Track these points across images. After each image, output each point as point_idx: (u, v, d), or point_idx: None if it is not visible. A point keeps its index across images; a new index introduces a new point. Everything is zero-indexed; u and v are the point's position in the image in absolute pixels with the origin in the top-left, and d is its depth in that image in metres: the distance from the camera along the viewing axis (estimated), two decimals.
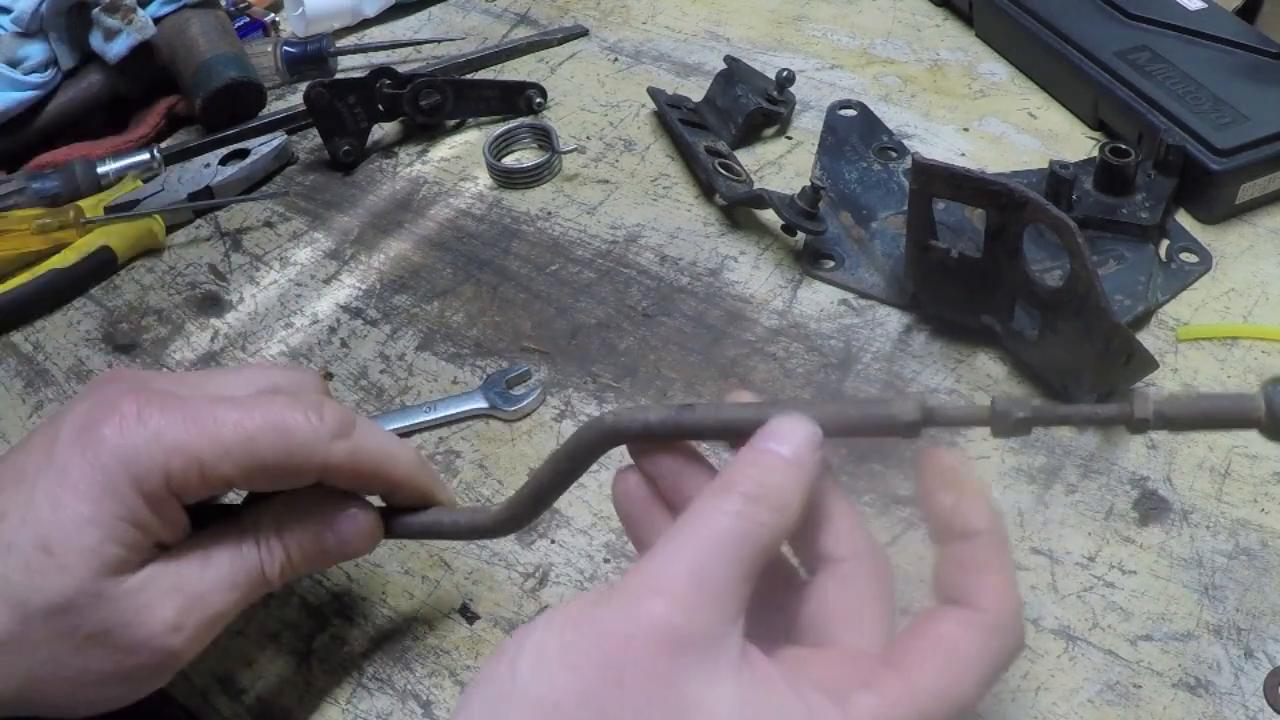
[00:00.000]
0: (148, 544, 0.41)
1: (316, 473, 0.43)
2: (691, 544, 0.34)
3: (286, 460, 0.41)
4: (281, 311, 0.70)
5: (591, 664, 0.32)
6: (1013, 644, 0.36)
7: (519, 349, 0.65)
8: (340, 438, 0.42)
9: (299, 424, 0.42)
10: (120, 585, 0.40)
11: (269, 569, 0.43)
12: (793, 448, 0.37)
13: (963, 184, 0.56)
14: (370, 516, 0.45)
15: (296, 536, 0.44)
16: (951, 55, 0.85)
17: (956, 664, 0.35)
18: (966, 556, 0.37)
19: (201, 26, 0.83)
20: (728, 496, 0.35)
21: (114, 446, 0.40)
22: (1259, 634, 0.48)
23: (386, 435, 0.46)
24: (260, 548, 0.43)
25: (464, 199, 0.77)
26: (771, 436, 0.37)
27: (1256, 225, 0.68)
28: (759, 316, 0.66)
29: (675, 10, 0.93)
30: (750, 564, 0.34)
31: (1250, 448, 0.56)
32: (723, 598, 0.33)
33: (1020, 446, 0.57)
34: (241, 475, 0.41)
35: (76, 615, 0.39)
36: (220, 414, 0.41)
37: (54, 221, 0.72)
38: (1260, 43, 0.73)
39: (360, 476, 0.44)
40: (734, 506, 0.35)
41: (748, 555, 0.34)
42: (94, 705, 0.42)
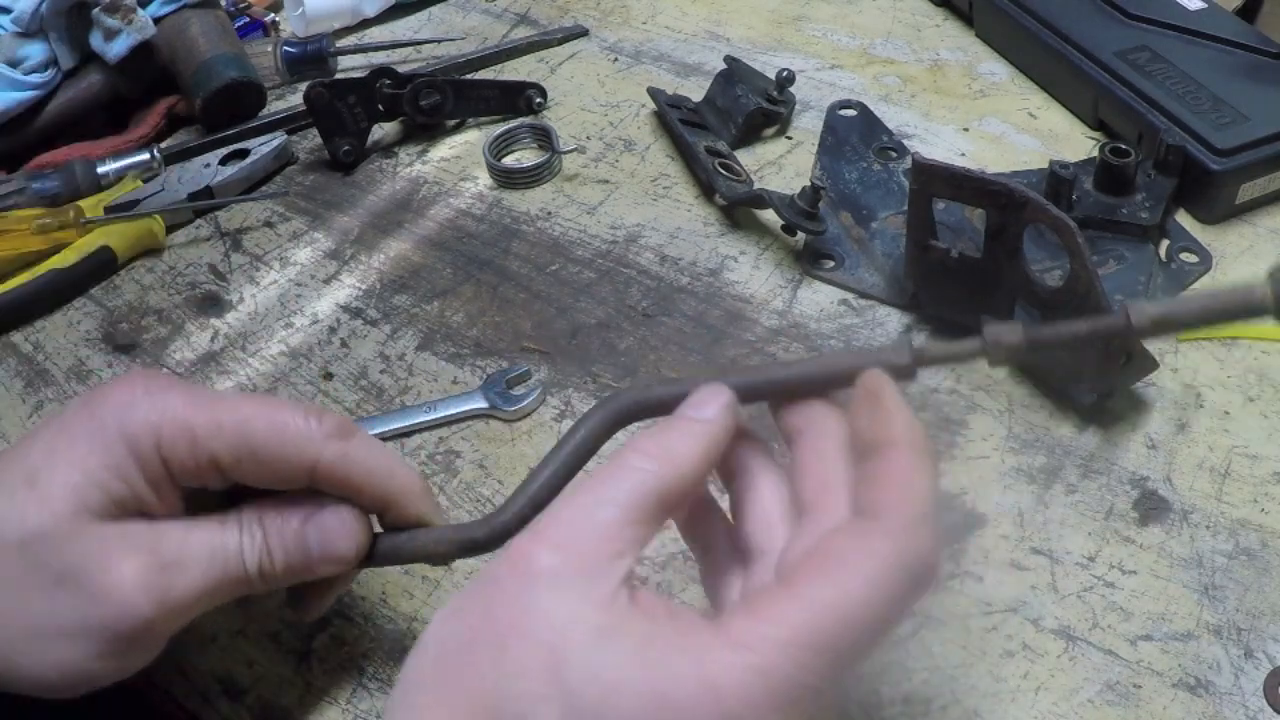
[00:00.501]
0: (131, 500, 0.41)
1: (308, 470, 0.42)
2: (572, 495, 0.36)
3: (278, 449, 0.42)
4: (281, 311, 0.70)
5: (471, 605, 0.34)
6: (914, 547, 0.33)
7: (519, 349, 0.65)
8: (335, 439, 0.43)
9: (296, 417, 0.42)
10: (95, 528, 0.40)
11: (248, 555, 0.42)
12: (697, 410, 0.38)
13: (963, 184, 0.56)
14: (357, 519, 0.44)
15: (278, 527, 0.43)
16: (951, 55, 0.85)
17: (843, 573, 0.32)
18: (876, 469, 0.35)
19: (201, 26, 0.83)
20: (620, 456, 0.36)
21: (113, 406, 0.42)
22: (1259, 634, 0.48)
23: (387, 451, 0.45)
24: (242, 532, 0.43)
25: (464, 199, 0.77)
26: (690, 405, 0.39)
27: (1256, 225, 0.68)
28: (759, 316, 0.66)
29: (675, 10, 0.93)
30: (633, 508, 0.35)
31: (1250, 448, 0.56)
32: (597, 537, 0.34)
33: (1020, 447, 0.57)
34: (231, 456, 0.42)
35: (48, 550, 0.40)
36: (220, 398, 0.43)
37: (54, 221, 0.72)
38: (1260, 43, 0.73)
39: (352, 483, 0.43)
40: (618, 458, 0.36)
41: (626, 499, 0.35)
42: (60, 670, 0.41)
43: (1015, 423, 0.58)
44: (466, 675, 0.33)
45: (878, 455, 0.35)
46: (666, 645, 0.32)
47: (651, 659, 0.32)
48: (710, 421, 0.38)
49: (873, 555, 0.33)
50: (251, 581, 0.43)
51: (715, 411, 0.38)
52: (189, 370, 0.67)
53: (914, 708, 0.47)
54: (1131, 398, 0.58)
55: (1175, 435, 0.57)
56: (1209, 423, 0.57)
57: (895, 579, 0.33)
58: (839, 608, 0.32)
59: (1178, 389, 0.59)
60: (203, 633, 0.53)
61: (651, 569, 0.53)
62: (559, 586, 0.33)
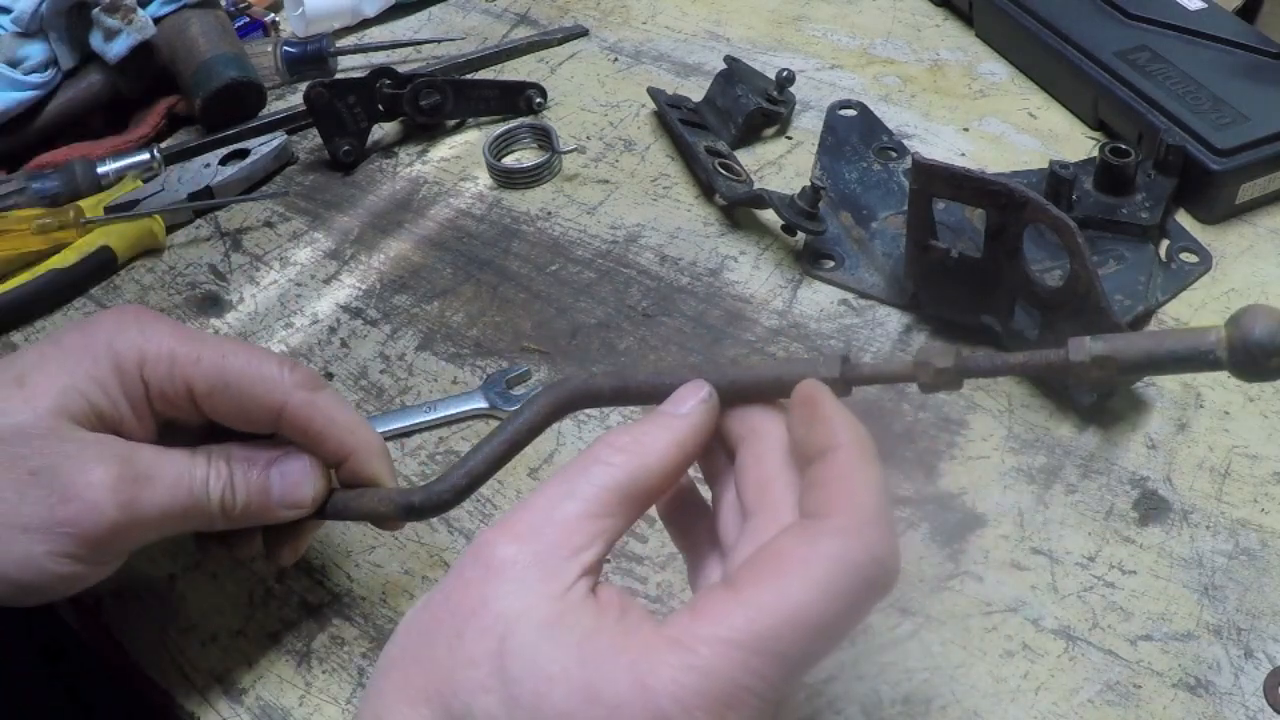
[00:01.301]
0: (110, 414, 0.44)
1: (276, 412, 0.45)
2: (541, 488, 0.36)
3: (250, 387, 0.45)
4: (281, 311, 0.70)
5: (438, 594, 0.35)
6: (863, 547, 0.32)
7: (519, 349, 0.65)
8: (305, 388, 0.46)
9: (269, 362, 0.46)
10: (74, 431, 0.43)
11: (212, 487, 0.44)
12: (675, 405, 0.38)
13: (963, 184, 0.56)
14: (317, 469, 0.46)
15: (244, 466, 0.45)
16: (951, 55, 0.85)
17: (788, 574, 0.32)
18: (820, 473, 0.35)
19: (201, 26, 0.83)
20: (591, 448, 0.37)
21: (106, 327, 0.45)
22: (1259, 634, 0.48)
23: (351, 408, 0.48)
24: (210, 465, 0.45)
25: (464, 199, 0.77)
26: (670, 400, 0.39)
27: (1256, 225, 0.68)
28: (759, 316, 0.66)
29: (675, 10, 0.93)
30: (597, 501, 0.35)
31: (1250, 448, 0.56)
32: (558, 530, 0.34)
33: (1020, 447, 0.57)
34: (206, 386, 0.45)
35: (27, 446, 0.42)
36: (204, 336, 0.47)
37: (54, 221, 0.72)
38: (1260, 43, 0.73)
39: (315, 430, 0.46)
40: (588, 453, 0.36)
41: (591, 493, 0.35)
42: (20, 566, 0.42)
43: (1015, 423, 0.58)
44: (425, 662, 0.34)
45: (821, 460, 0.35)
46: (607, 642, 0.32)
47: (589, 654, 0.32)
48: (685, 416, 0.38)
49: (819, 556, 0.32)
50: (213, 515, 0.45)
51: (692, 406, 0.38)
52: None
53: (914, 708, 0.47)
54: (1131, 398, 0.58)
55: (1175, 435, 0.57)
56: (1209, 423, 0.57)
57: (844, 580, 0.32)
58: (783, 609, 0.31)
59: (1178, 389, 0.59)
60: (203, 633, 0.53)
61: (652, 568, 0.53)
62: (515, 579, 0.34)
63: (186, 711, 0.50)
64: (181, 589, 0.55)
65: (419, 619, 0.35)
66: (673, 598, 0.52)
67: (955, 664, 0.49)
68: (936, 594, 0.51)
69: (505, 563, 0.34)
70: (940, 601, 0.51)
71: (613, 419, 0.61)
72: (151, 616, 0.54)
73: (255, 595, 0.55)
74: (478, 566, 0.34)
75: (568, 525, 0.35)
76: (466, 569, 0.35)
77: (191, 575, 0.56)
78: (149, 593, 0.55)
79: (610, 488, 0.35)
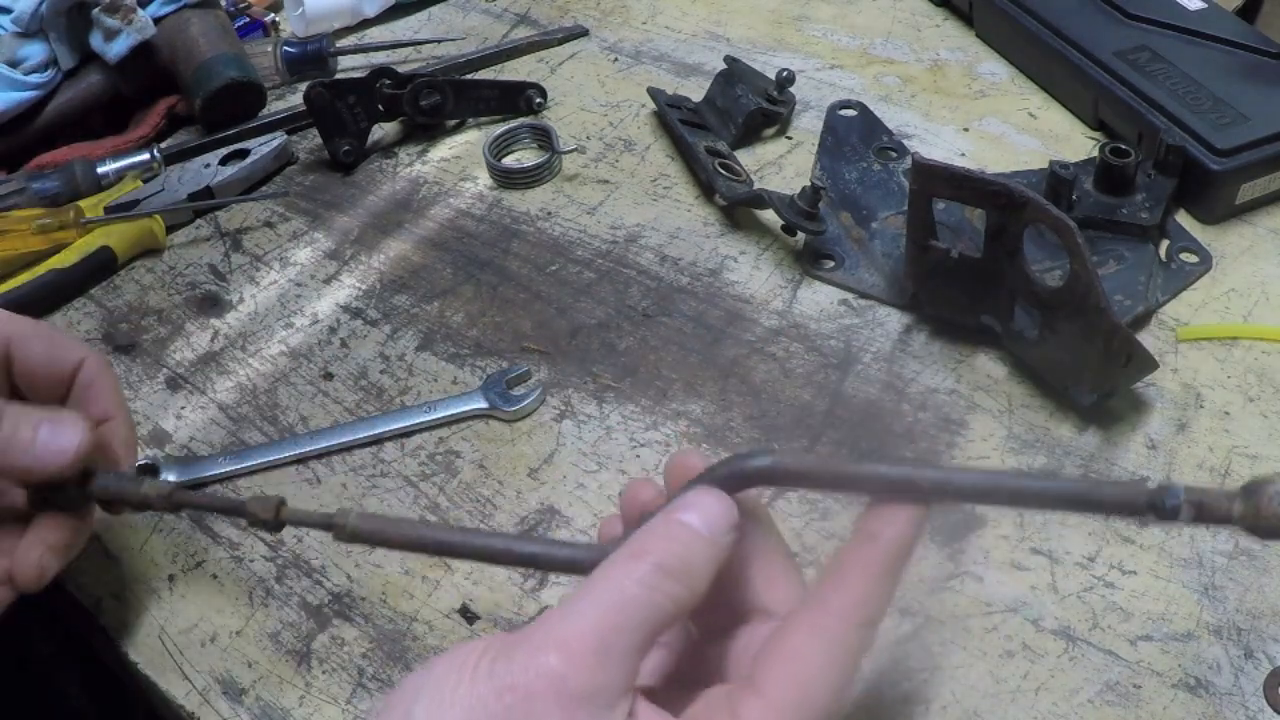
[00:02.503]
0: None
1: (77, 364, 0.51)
2: (599, 606, 0.35)
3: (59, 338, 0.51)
4: (281, 311, 0.70)
5: (489, 716, 0.33)
6: (859, 647, 0.36)
7: (519, 349, 0.65)
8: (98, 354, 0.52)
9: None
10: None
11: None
12: (707, 522, 0.37)
13: (963, 184, 0.56)
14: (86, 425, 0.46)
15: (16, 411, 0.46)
16: (951, 55, 0.85)
17: (806, 674, 0.35)
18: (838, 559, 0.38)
19: (201, 26, 0.83)
20: (640, 563, 0.36)
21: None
22: (1259, 634, 0.48)
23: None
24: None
25: (464, 199, 0.77)
26: (687, 507, 0.38)
27: (1256, 225, 0.68)
28: (759, 316, 0.66)
29: (675, 10, 0.93)
30: (651, 633, 0.35)
31: (1250, 448, 0.56)
32: (620, 662, 0.34)
33: (1020, 447, 0.57)
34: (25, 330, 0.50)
35: None
36: None
37: (54, 221, 0.72)
38: (1260, 43, 0.73)
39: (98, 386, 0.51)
40: (646, 575, 0.36)
41: (649, 625, 0.35)
42: None
43: (1015, 423, 0.58)
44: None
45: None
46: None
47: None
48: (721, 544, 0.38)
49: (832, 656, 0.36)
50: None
51: (723, 530, 0.38)
52: (189, 370, 0.67)
53: (914, 708, 0.47)
54: (1131, 398, 0.58)
55: (1175, 435, 0.57)
56: (1209, 423, 0.57)
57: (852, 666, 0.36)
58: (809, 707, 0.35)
59: (1178, 389, 0.59)
60: (203, 633, 0.53)
61: None
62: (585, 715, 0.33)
63: (187, 712, 0.51)
64: (181, 589, 0.55)
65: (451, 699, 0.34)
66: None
67: (955, 664, 0.49)
68: (936, 594, 0.51)
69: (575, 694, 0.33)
70: (940, 601, 0.51)
71: (613, 418, 0.61)
72: (151, 616, 0.54)
73: (255, 595, 0.55)
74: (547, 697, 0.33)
75: (627, 656, 0.34)
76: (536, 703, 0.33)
77: (191, 575, 0.56)
78: (149, 593, 0.55)
79: (662, 622, 0.36)
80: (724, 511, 0.38)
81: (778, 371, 0.62)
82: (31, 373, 0.50)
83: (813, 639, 0.36)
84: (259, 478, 0.60)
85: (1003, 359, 0.61)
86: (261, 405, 0.64)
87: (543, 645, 0.34)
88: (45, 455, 0.46)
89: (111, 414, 0.51)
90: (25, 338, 0.50)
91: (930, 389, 0.60)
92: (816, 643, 0.36)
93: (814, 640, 0.36)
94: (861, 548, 0.37)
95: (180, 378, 0.66)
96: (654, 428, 0.60)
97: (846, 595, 0.37)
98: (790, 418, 0.60)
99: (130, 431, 0.52)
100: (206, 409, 0.64)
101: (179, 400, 0.65)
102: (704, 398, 0.61)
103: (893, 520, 0.38)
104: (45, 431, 0.46)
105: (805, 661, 0.36)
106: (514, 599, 0.53)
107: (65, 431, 0.46)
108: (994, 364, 0.61)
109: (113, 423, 0.51)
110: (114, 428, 0.51)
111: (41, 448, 0.45)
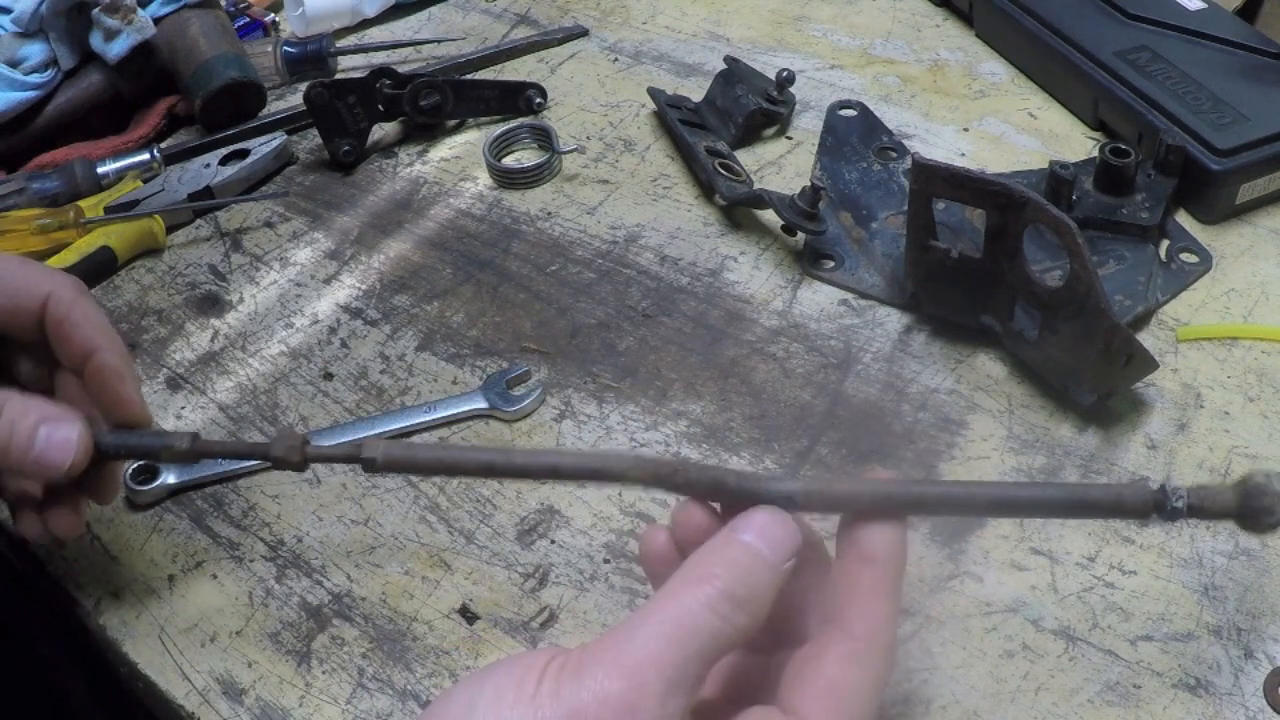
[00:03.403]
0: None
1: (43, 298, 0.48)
2: (668, 633, 0.35)
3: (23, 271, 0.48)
4: (281, 311, 0.70)
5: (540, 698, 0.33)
6: (888, 666, 0.38)
7: (519, 349, 0.65)
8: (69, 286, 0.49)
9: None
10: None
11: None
12: (773, 549, 0.37)
13: (963, 184, 0.56)
14: (84, 436, 0.45)
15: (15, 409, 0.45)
16: (951, 55, 0.85)
17: (848, 705, 0.36)
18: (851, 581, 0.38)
19: (201, 26, 0.83)
20: (706, 586, 0.36)
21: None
22: (1259, 634, 0.48)
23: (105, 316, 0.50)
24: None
25: (464, 199, 0.77)
26: (753, 529, 0.38)
27: (1256, 225, 0.68)
28: (759, 317, 0.66)
29: (675, 10, 0.93)
30: (713, 660, 0.35)
31: (1250, 448, 0.56)
32: (687, 691, 0.34)
33: (1020, 447, 0.57)
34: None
35: None
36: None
37: (54, 221, 0.72)
38: (1260, 43, 0.73)
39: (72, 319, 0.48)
40: (713, 601, 0.35)
41: (714, 653, 0.35)
42: None
43: (1015, 423, 0.58)
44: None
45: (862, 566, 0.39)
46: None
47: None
48: (783, 571, 0.38)
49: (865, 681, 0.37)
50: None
51: (786, 555, 0.38)
52: (189, 370, 0.67)
53: (914, 708, 0.47)
54: (1131, 398, 0.58)
55: (1175, 435, 0.57)
56: (1209, 423, 0.57)
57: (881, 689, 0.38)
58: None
59: (1178, 389, 0.59)
60: (203, 633, 0.53)
61: None
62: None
63: (187, 712, 0.51)
64: (181, 589, 0.55)
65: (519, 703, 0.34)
66: None
67: (955, 664, 0.49)
68: (936, 594, 0.51)
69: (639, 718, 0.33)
70: (940, 601, 0.51)
71: (613, 419, 0.61)
72: (151, 616, 0.54)
73: (255, 595, 0.55)
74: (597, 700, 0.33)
75: (688, 682, 0.35)
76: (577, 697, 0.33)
77: (191, 575, 0.56)
78: (149, 593, 0.55)
79: (724, 650, 0.36)
80: (788, 535, 0.38)
81: (778, 371, 0.62)
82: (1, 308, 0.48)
83: (851, 669, 0.37)
84: (259, 477, 0.60)
85: (1003, 359, 0.61)
86: (261, 405, 0.64)
87: (612, 670, 0.34)
88: (42, 464, 0.45)
89: (96, 344, 0.48)
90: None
91: (930, 389, 0.60)
92: (855, 672, 0.37)
93: (851, 670, 0.37)
94: (864, 570, 0.38)
95: (180, 378, 0.66)
96: (654, 428, 0.60)
97: (868, 621, 0.37)
98: (790, 418, 0.60)
99: (123, 359, 0.49)
100: (206, 409, 0.64)
101: (179, 400, 0.65)
102: (704, 398, 0.61)
103: (884, 536, 0.38)
104: (42, 440, 0.44)
105: (846, 692, 0.36)
106: (514, 599, 0.53)
107: (60, 438, 0.44)
108: (994, 364, 0.61)
109: (100, 354, 0.48)
110: (104, 359, 0.48)
111: (38, 457, 0.45)
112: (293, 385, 0.65)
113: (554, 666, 0.34)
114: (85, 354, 0.48)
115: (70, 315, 0.48)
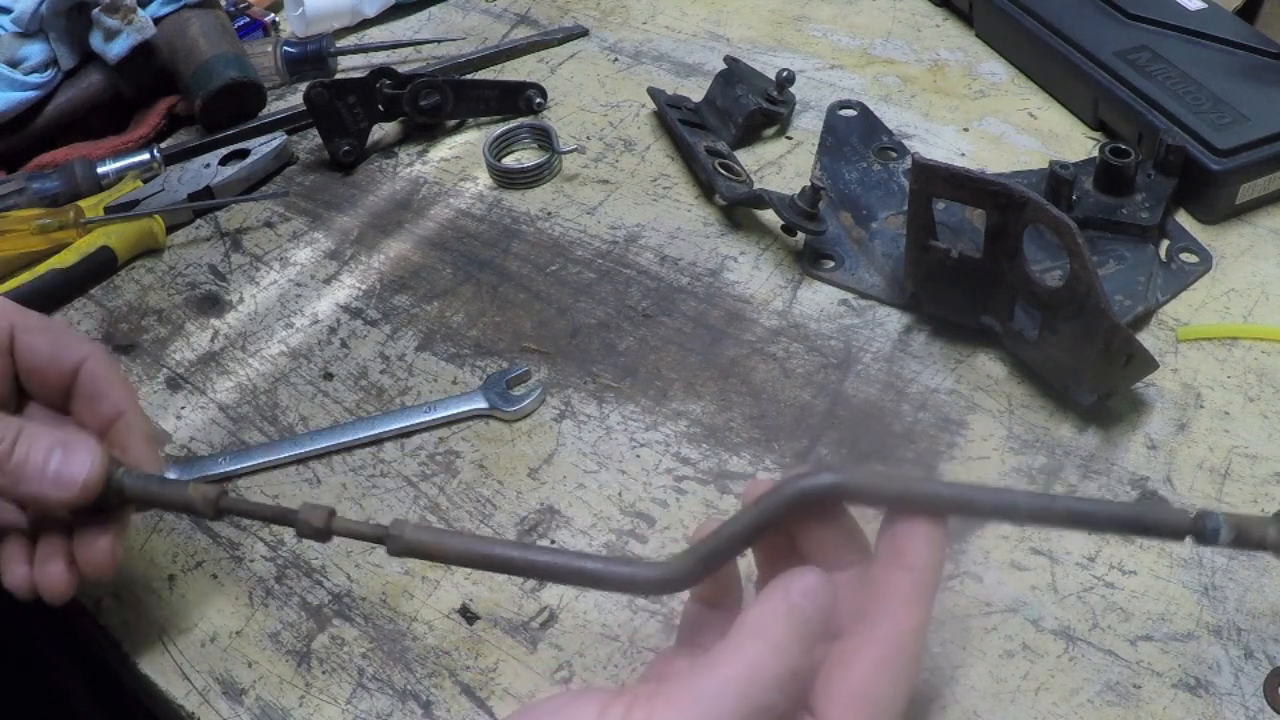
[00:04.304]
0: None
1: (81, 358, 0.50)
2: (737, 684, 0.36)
3: (63, 332, 0.51)
4: (281, 311, 0.70)
5: None
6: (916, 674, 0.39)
7: (519, 349, 0.65)
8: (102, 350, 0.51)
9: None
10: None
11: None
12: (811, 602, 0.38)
13: (963, 184, 0.56)
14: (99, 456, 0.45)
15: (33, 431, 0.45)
16: (951, 55, 0.85)
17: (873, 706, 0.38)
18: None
19: (201, 26, 0.83)
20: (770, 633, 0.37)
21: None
22: (1259, 634, 0.48)
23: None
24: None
25: (464, 199, 0.77)
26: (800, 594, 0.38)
27: (1256, 225, 0.68)
28: (759, 317, 0.66)
29: (675, 10, 0.93)
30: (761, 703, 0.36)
31: (1250, 448, 0.56)
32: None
33: (1020, 447, 0.57)
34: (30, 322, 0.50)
35: None
36: None
37: (54, 221, 0.72)
38: (1260, 43, 0.73)
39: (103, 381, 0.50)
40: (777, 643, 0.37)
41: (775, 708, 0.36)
42: None
43: (1015, 423, 0.58)
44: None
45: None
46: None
47: None
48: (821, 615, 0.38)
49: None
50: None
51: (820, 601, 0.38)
52: (189, 370, 0.67)
53: (914, 708, 0.47)
54: (1131, 398, 0.58)
55: (1175, 435, 0.57)
56: (1209, 423, 0.57)
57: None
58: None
59: (1178, 389, 0.59)
60: (203, 633, 0.53)
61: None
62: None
63: (186, 712, 0.51)
64: (181, 589, 0.55)
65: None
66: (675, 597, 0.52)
67: (955, 664, 0.49)
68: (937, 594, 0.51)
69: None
70: (940, 601, 0.51)
71: (613, 419, 0.61)
72: (151, 616, 0.54)
73: (255, 595, 0.55)
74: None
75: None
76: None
77: (191, 575, 0.56)
78: (149, 593, 0.55)
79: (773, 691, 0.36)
80: (816, 585, 0.38)
81: (778, 371, 0.62)
82: (34, 367, 0.50)
83: (880, 675, 0.38)
84: (259, 478, 0.60)
85: (1003, 359, 0.61)
86: (261, 405, 0.64)
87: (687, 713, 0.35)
88: (54, 486, 0.45)
89: (122, 409, 0.50)
90: (30, 330, 0.50)
91: (930, 389, 0.60)
92: (883, 679, 0.38)
93: (880, 677, 0.38)
94: (901, 575, 0.39)
95: (180, 378, 0.66)
96: (654, 428, 0.60)
97: (901, 627, 0.38)
98: (790, 418, 0.60)
99: (146, 424, 0.51)
100: (206, 409, 0.64)
101: (179, 400, 0.65)
102: (704, 398, 0.61)
103: (925, 544, 0.39)
104: (57, 459, 0.45)
105: (873, 698, 0.37)
106: (514, 599, 0.53)
107: (76, 460, 0.45)
108: (994, 364, 0.61)
109: (126, 418, 0.50)
110: (129, 423, 0.50)
111: (53, 477, 0.45)
112: (293, 385, 0.65)
113: (621, 703, 0.35)
114: (111, 417, 0.50)
115: (102, 379, 0.50)
